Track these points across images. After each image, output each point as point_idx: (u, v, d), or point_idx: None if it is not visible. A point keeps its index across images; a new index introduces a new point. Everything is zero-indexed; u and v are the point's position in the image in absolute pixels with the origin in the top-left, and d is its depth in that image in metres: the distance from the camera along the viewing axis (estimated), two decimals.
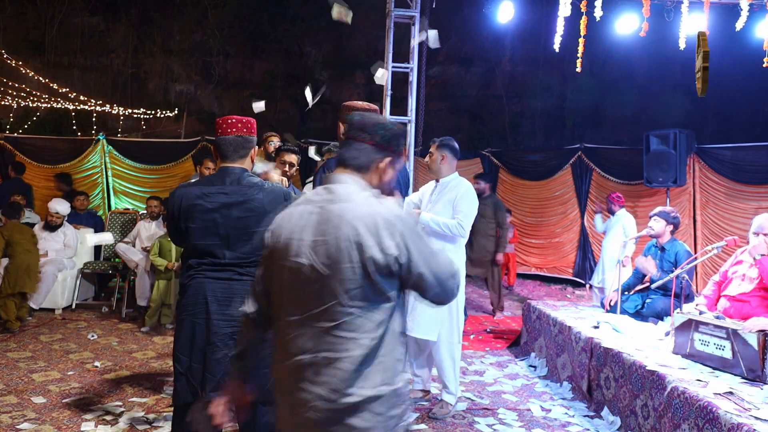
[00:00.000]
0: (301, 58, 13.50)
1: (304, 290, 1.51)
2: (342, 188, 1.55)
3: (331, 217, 1.49)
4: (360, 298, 1.46)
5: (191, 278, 2.37)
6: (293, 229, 1.54)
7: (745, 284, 3.58)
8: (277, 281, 1.59)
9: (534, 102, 12.56)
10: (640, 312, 4.41)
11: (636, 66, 11.27)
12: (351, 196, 1.52)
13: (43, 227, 6.15)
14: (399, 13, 5.77)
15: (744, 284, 3.60)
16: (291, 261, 1.52)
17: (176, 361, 2.36)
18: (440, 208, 3.56)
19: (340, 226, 1.47)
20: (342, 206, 1.50)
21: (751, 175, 7.07)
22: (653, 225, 4.55)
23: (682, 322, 3.36)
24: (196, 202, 2.36)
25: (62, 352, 4.66)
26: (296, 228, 1.54)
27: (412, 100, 5.96)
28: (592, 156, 8.52)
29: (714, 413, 2.49)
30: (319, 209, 1.53)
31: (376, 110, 2.72)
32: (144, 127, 11.96)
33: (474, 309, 7.06)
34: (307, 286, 1.50)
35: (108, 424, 3.27)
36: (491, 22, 7.00)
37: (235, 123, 2.43)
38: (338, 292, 1.46)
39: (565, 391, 4.03)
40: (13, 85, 9.79)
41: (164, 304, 5.55)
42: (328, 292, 1.47)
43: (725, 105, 10.59)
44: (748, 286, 3.56)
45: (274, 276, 1.60)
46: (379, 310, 1.49)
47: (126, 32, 13.07)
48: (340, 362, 1.45)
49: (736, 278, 3.68)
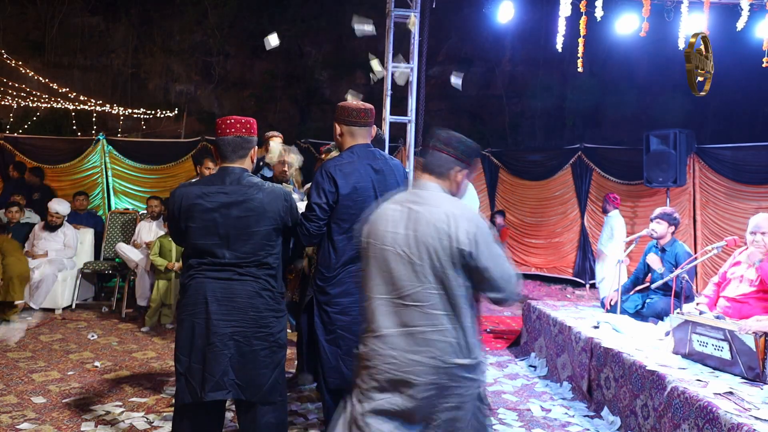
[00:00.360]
0: (301, 58, 13.49)
1: (394, 275, 1.84)
2: (426, 192, 1.92)
3: (419, 216, 1.84)
4: (442, 283, 1.80)
5: (191, 278, 2.37)
6: (387, 225, 1.89)
7: (744, 286, 3.59)
8: (368, 266, 1.92)
9: (534, 102, 12.55)
10: (640, 312, 4.41)
11: (636, 66, 11.25)
12: (434, 199, 1.88)
13: (43, 227, 6.15)
14: (399, 13, 5.76)
15: (742, 286, 3.60)
16: (385, 251, 1.87)
17: (176, 361, 2.36)
18: None
19: (426, 224, 1.82)
20: (427, 207, 1.85)
21: (751, 175, 7.07)
22: (656, 228, 4.55)
23: (680, 323, 3.36)
24: (196, 202, 2.36)
25: (62, 352, 4.66)
26: (389, 223, 1.89)
27: (412, 100, 5.96)
28: (592, 156, 8.52)
29: (714, 413, 2.49)
30: (408, 209, 1.88)
31: (371, 110, 2.72)
32: (144, 127, 11.96)
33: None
34: (397, 272, 1.84)
35: (108, 424, 3.27)
36: (491, 22, 6.99)
37: (234, 123, 2.43)
38: (425, 277, 1.80)
39: (565, 391, 4.03)
40: (13, 85, 9.79)
41: (164, 304, 5.56)
42: (416, 278, 1.81)
43: (725, 105, 10.58)
44: (746, 287, 3.57)
45: (364, 261, 1.95)
46: (458, 295, 1.81)
47: (126, 32, 13.07)
48: (430, 334, 1.79)
49: (735, 279, 3.69)
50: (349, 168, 2.58)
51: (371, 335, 1.88)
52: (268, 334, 2.37)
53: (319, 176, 2.57)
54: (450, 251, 1.79)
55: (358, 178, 2.58)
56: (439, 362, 1.79)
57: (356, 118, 2.67)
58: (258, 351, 2.34)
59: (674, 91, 10.44)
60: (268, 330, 2.37)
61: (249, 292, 2.35)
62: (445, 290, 1.81)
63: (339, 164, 2.59)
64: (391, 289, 1.85)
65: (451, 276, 1.80)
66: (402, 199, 1.95)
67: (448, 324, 1.81)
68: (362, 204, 2.58)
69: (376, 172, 2.64)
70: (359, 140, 2.70)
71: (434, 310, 1.80)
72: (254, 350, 2.34)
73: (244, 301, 2.34)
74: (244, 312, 2.33)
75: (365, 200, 2.59)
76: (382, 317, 1.86)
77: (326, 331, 2.61)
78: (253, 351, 2.34)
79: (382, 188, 2.64)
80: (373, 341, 1.87)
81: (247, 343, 2.33)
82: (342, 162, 2.60)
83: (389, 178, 2.68)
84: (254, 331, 2.34)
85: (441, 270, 1.80)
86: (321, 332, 2.62)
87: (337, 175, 2.55)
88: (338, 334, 2.59)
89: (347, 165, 2.59)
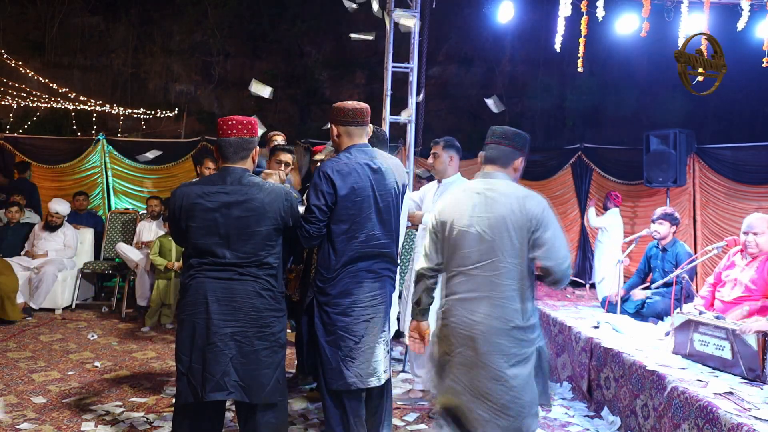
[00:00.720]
0: (301, 58, 13.49)
1: (471, 250, 2.18)
2: (496, 180, 2.27)
3: (494, 200, 2.19)
4: (511, 256, 2.14)
5: (192, 278, 2.37)
6: (463, 208, 2.23)
7: (737, 289, 3.60)
8: (450, 245, 2.26)
9: (534, 102, 12.55)
10: (640, 312, 4.41)
11: (636, 66, 11.25)
12: (504, 186, 2.23)
13: (43, 227, 6.15)
14: (399, 14, 5.76)
15: (737, 289, 3.61)
16: (463, 230, 2.21)
17: (178, 361, 2.36)
18: None
19: (501, 206, 2.17)
20: (500, 192, 2.20)
21: (751, 175, 7.07)
22: (659, 229, 4.55)
23: (682, 322, 3.36)
24: (196, 201, 2.36)
25: (62, 352, 4.66)
26: (465, 207, 2.23)
27: (412, 100, 5.95)
28: (592, 156, 8.51)
29: (714, 413, 2.49)
30: (482, 195, 2.22)
31: (367, 109, 2.71)
32: (144, 127, 11.96)
33: None
34: (474, 247, 2.18)
35: (108, 424, 3.27)
36: (491, 22, 6.99)
37: (236, 124, 2.43)
38: (498, 251, 2.14)
39: (565, 391, 4.03)
40: (13, 85, 9.79)
41: (164, 304, 5.56)
42: (490, 252, 2.15)
43: (725, 105, 10.58)
44: (739, 291, 3.58)
45: (446, 241, 2.28)
46: (523, 266, 2.15)
47: (126, 32, 13.06)
48: (497, 300, 2.13)
49: (729, 282, 3.70)
50: (347, 169, 2.57)
51: (451, 299, 2.24)
52: (269, 334, 2.37)
53: (317, 178, 2.56)
54: (521, 227, 2.14)
55: (356, 178, 2.57)
56: (503, 324, 2.12)
57: (352, 118, 2.66)
58: (260, 351, 2.34)
59: (674, 91, 10.43)
60: (269, 330, 2.37)
61: (249, 292, 2.35)
62: (513, 262, 2.14)
63: (337, 165, 2.57)
64: (468, 261, 2.20)
65: (520, 249, 2.14)
66: (474, 187, 2.29)
67: (513, 291, 2.14)
68: (361, 204, 2.57)
69: (375, 172, 2.63)
70: (357, 140, 2.69)
71: (502, 279, 2.14)
72: (256, 350, 2.34)
73: (245, 301, 2.34)
74: (244, 312, 2.33)
75: (364, 200, 2.58)
76: (460, 285, 2.22)
77: (326, 332, 2.61)
78: (255, 351, 2.34)
79: (380, 188, 2.63)
80: (453, 304, 2.23)
81: (248, 344, 2.33)
82: (339, 163, 2.59)
83: (388, 178, 2.67)
84: (255, 331, 2.34)
85: (511, 244, 2.14)
86: (321, 333, 2.61)
87: (335, 177, 2.53)
88: (338, 335, 2.58)
89: (345, 166, 2.58)
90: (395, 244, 2.75)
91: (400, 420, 3.45)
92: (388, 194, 2.66)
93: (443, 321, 2.27)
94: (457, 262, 2.24)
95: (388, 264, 2.70)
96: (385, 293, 2.70)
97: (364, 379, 2.59)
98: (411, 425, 3.40)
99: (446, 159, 3.62)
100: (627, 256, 5.92)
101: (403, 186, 2.80)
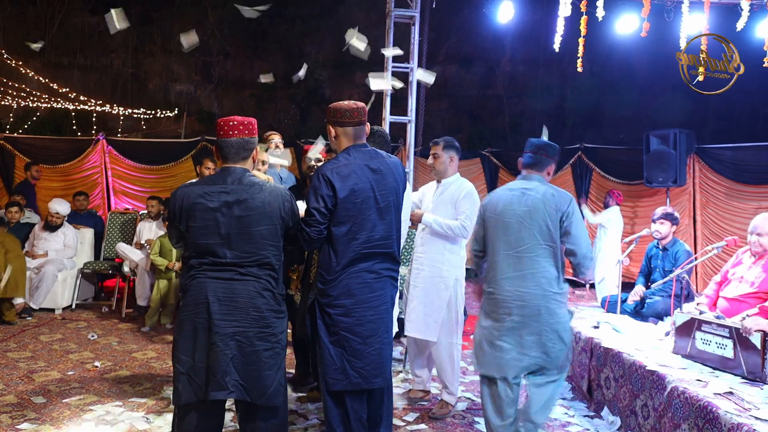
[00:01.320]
0: (301, 58, 13.49)
1: (513, 236, 2.77)
2: (533, 182, 2.87)
3: (532, 196, 2.78)
4: (546, 240, 2.73)
5: (192, 278, 2.37)
6: (506, 203, 2.83)
7: (743, 286, 3.60)
8: (493, 232, 2.85)
9: (534, 102, 12.55)
10: (640, 312, 4.41)
11: (636, 66, 11.24)
12: (539, 186, 2.83)
13: (43, 227, 6.15)
14: (399, 13, 5.76)
15: (742, 286, 3.61)
16: (506, 220, 2.80)
17: (176, 362, 2.36)
18: (442, 209, 3.56)
19: (537, 201, 2.76)
20: (536, 191, 2.80)
21: (751, 175, 7.07)
22: (660, 229, 4.56)
23: (685, 321, 3.36)
24: (197, 201, 2.36)
25: (62, 352, 4.66)
26: (508, 202, 2.82)
27: (412, 100, 5.95)
28: (592, 156, 8.51)
29: (714, 413, 2.49)
30: (522, 192, 2.81)
31: (363, 108, 2.69)
32: (144, 127, 11.96)
33: (474, 309, 7.06)
34: (515, 234, 2.77)
35: (108, 424, 3.27)
36: (491, 22, 6.98)
37: (236, 125, 2.42)
38: (535, 236, 2.73)
39: (565, 391, 4.03)
40: (13, 85, 9.78)
41: (164, 304, 5.56)
42: (529, 237, 2.74)
43: (725, 105, 10.58)
44: (746, 287, 3.58)
45: (490, 229, 2.88)
46: (555, 248, 2.75)
47: (126, 32, 13.04)
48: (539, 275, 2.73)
49: (735, 279, 3.70)
50: (346, 170, 2.55)
51: (498, 277, 2.80)
52: (270, 335, 2.37)
53: (317, 180, 2.55)
54: (552, 217, 2.72)
55: (355, 180, 2.55)
56: (543, 291, 2.72)
57: (350, 119, 2.63)
58: (261, 352, 2.34)
59: (674, 91, 10.43)
60: (270, 330, 2.37)
61: (250, 292, 2.35)
62: (547, 245, 2.73)
63: (336, 167, 2.56)
64: (510, 246, 2.77)
65: (553, 235, 2.72)
66: (515, 186, 2.89)
67: (548, 266, 2.73)
68: (361, 205, 2.56)
69: (374, 172, 2.61)
70: (355, 140, 2.67)
71: (539, 258, 2.73)
72: (257, 351, 2.33)
73: (246, 301, 2.33)
74: (245, 312, 2.33)
75: (364, 201, 2.57)
76: (504, 265, 2.78)
77: (329, 332, 2.60)
78: (256, 352, 2.33)
79: (381, 188, 2.61)
80: (499, 282, 2.79)
81: (249, 344, 2.33)
82: (338, 164, 2.57)
83: (388, 177, 2.65)
84: (256, 332, 2.34)
85: (546, 231, 2.72)
86: (324, 334, 2.60)
87: (335, 179, 2.52)
88: (342, 335, 2.57)
89: (344, 167, 2.56)
90: (397, 244, 2.74)
91: (400, 420, 3.45)
92: (388, 194, 2.65)
93: (490, 297, 2.83)
94: (502, 247, 2.81)
95: (389, 264, 2.69)
96: (387, 293, 2.69)
97: (368, 380, 2.59)
98: (411, 425, 3.40)
99: (446, 159, 3.62)
100: (627, 256, 5.93)
101: (403, 185, 2.79)
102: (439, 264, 3.54)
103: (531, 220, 2.73)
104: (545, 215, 2.72)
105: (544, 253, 2.73)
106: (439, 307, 3.51)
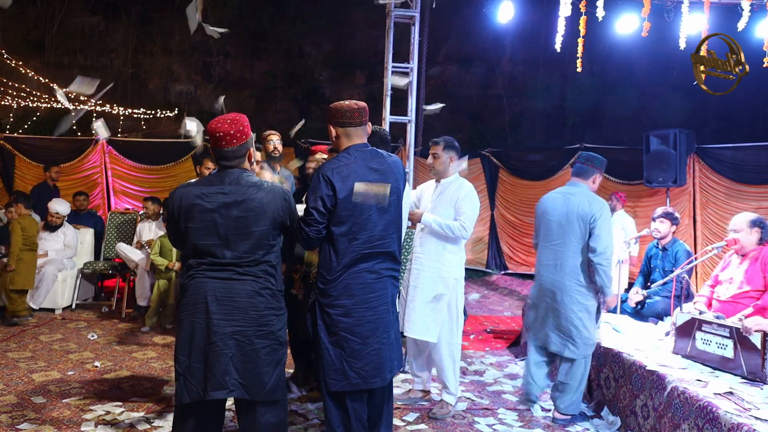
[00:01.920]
0: (301, 58, 13.49)
1: (553, 232, 3.49)
2: (577, 188, 3.52)
3: (571, 200, 3.45)
4: (579, 237, 3.38)
5: (191, 278, 2.37)
6: (552, 204, 3.53)
7: (733, 287, 3.63)
8: (540, 227, 3.59)
9: (534, 102, 12.54)
10: (640, 312, 4.41)
11: (636, 66, 11.23)
12: (581, 192, 3.48)
13: (43, 227, 6.15)
14: (399, 13, 5.75)
15: (732, 287, 3.64)
16: (550, 218, 3.51)
17: (176, 362, 2.36)
18: (441, 209, 3.55)
19: (575, 204, 3.41)
20: (577, 196, 3.45)
21: (751, 175, 7.06)
22: (660, 227, 4.56)
23: (685, 320, 3.36)
24: (195, 202, 2.36)
25: (62, 352, 4.66)
26: (553, 204, 3.53)
27: (412, 100, 5.95)
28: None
29: (714, 413, 2.49)
30: (564, 196, 3.51)
31: (365, 108, 2.69)
32: (144, 127, 11.95)
33: (474, 309, 7.06)
34: (554, 230, 3.48)
35: (108, 424, 3.27)
36: (491, 22, 6.98)
37: (230, 140, 2.38)
38: (569, 234, 3.40)
39: None
40: (13, 85, 9.78)
41: (164, 304, 5.55)
42: (566, 234, 3.42)
43: (725, 105, 10.57)
44: (735, 289, 3.61)
45: (538, 225, 3.62)
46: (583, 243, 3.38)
47: (126, 32, 13.06)
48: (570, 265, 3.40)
49: (725, 281, 3.73)
50: (347, 170, 2.55)
51: (541, 264, 3.55)
52: (269, 333, 2.37)
53: (317, 180, 2.54)
54: (585, 218, 3.35)
55: (356, 179, 2.54)
56: (573, 281, 3.38)
57: (350, 119, 2.63)
58: (260, 350, 2.34)
59: (674, 91, 10.44)
60: (269, 328, 2.37)
61: (249, 292, 2.35)
62: (578, 242, 3.37)
63: (336, 167, 2.55)
64: (551, 239, 3.49)
65: (583, 233, 3.36)
66: (562, 191, 3.57)
67: (578, 259, 3.38)
68: (361, 205, 2.56)
69: (375, 172, 2.60)
70: (355, 140, 2.66)
71: (571, 251, 3.39)
72: (256, 349, 2.34)
73: (244, 301, 2.34)
74: (244, 311, 2.33)
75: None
76: (545, 254, 3.52)
77: (329, 333, 2.59)
78: (255, 350, 2.34)
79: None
80: (540, 268, 3.54)
81: (248, 343, 2.33)
82: (339, 164, 2.56)
83: (388, 177, 2.65)
84: (255, 330, 2.34)
85: (579, 229, 3.37)
86: (324, 334, 2.60)
87: (335, 179, 2.51)
88: (341, 335, 2.57)
89: (344, 167, 2.55)
90: (397, 243, 2.73)
91: (400, 420, 3.45)
92: (389, 194, 2.65)
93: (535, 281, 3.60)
94: (545, 240, 3.52)
95: (390, 264, 2.69)
96: (388, 293, 2.68)
97: (367, 380, 2.58)
98: (411, 425, 3.40)
99: (446, 159, 3.62)
100: (632, 255, 5.94)
101: (403, 184, 2.78)
102: (439, 264, 3.54)
103: (567, 219, 3.39)
104: (578, 217, 3.35)
105: (576, 248, 3.36)
106: (438, 307, 3.50)
